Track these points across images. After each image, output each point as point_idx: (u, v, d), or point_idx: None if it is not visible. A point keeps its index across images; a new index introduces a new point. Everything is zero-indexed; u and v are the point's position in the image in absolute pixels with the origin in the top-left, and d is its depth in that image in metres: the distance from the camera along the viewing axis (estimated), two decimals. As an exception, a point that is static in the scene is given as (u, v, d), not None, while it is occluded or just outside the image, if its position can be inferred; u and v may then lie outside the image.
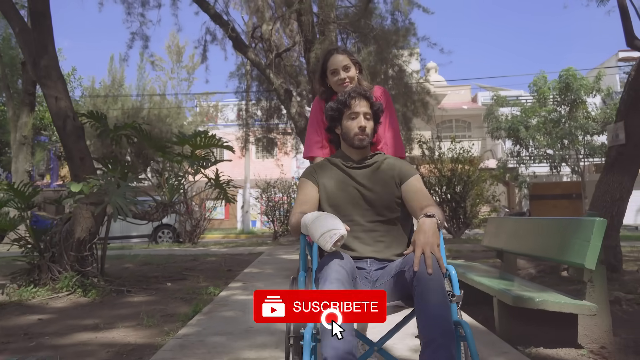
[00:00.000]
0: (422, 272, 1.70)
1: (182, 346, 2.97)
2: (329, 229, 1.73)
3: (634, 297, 4.26)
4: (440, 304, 1.64)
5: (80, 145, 5.31)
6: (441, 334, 1.58)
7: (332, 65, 2.47)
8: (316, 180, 2.16)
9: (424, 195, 2.06)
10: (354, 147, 2.15)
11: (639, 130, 4.88)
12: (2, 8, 5.22)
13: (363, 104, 2.13)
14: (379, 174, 2.15)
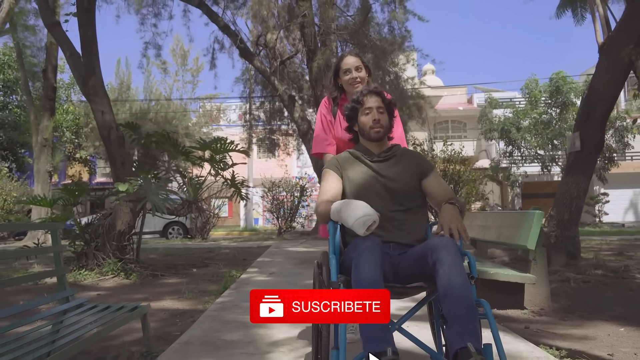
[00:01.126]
0: (444, 256, 1.82)
1: (222, 308, 3.92)
2: (363, 215, 1.89)
3: (581, 277, 5.21)
4: (463, 283, 1.76)
5: (121, 152, 6.26)
6: (467, 311, 1.70)
7: (345, 65, 2.68)
8: (340, 171, 2.29)
9: (445, 188, 2.25)
10: (371, 139, 2.29)
11: (591, 139, 5.82)
12: (56, 36, 6.16)
13: (375, 100, 2.29)
14: (399, 166, 2.28)
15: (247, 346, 2.81)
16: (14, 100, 23.53)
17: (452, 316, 1.70)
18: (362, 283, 1.73)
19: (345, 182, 2.26)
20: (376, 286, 1.72)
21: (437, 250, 1.85)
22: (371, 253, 1.82)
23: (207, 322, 3.45)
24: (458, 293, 1.73)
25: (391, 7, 15.40)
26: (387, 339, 1.66)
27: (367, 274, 1.76)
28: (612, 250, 7.77)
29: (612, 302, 4.14)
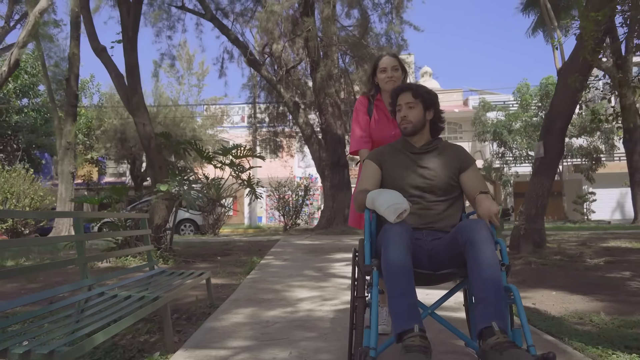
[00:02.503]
0: (475, 238, 1.86)
1: (253, 281, 5.08)
2: (394, 203, 1.96)
3: (541, 261, 6.37)
4: (492, 265, 1.80)
5: (159, 158, 7.40)
6: (493, 293, 1.75)
7: (383, 64, 2.76)
8: (380, 162, 2.37)
9: (481, 183, 2.29)
10: (403, 134, 2.39)
11: (553, 147, 6.97)
12: (103, 60, 7.31)
13: (406, 95, 2.34)
14: (440, 159, 2.32)
15: (279, 301, 3.97)
16: (30, 104, 24.68)
17: (479, 297, 1.76)
18: (390, 266, 1.82)
19: (384, 173, 2.33)
20: (403, 269, 1.81)
21: (468, 231, 1.91)
22: (399, 238, 1.88)
23: (245, 289, 4.61)
24: (486, 274, 1.78)
25: (388, 18, 16.60)
26: (414, 317, 1.73)
27: (395, 258, 1.83)
28: (577, 242, 8.93)
29: (557, 277, 5.29)
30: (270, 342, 2.74)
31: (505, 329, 1.68)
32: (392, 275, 1.81)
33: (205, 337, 2.90)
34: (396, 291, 1.78)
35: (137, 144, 23.96)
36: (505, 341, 1.61)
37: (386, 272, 1.83)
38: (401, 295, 1.77)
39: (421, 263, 2.06)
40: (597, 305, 3.77)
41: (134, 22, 7.18)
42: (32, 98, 25.93)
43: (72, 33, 15.24)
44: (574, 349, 2.53)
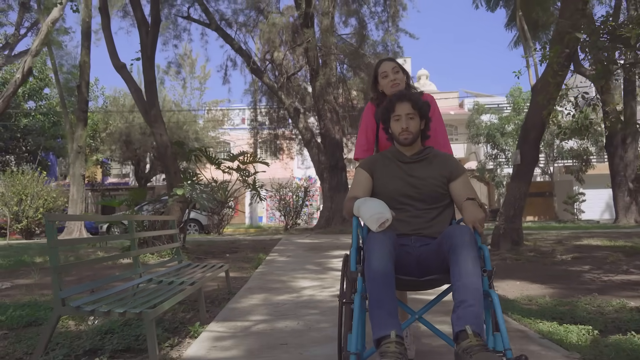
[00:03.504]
0: (458, 242, 1.90)
1: (262, 274, 5.88)
2: (377, 212, 1.99)
3: (515, 257, 7.17)
4: (472, 270, 1.84)
5: (175, 164, 8.18)
6: (471, 297, 1.79)
7: (383, 69, 2.72)
8: (371, 170, 2.39)
9: (470, 191, 2.29)
10: (401, 144, 2.37)
11: (528, 155, 7.78)
12: (123, 76, 8.09)
13: (405, 106, 2.31)
14: (429, 168, 2.35)
15: (286, 289, 4.77)
16: (37, 107, 25.46)
17: (457, 301, 1.81)
18: (371, 274, 1.87)
19: (375, 182, 2.37)
20: (383, 277, 1.85)
21: (451, 237, 1.95)
22: (381, 246, 1.92)
23: (256, 280, 5.41)
24: (465, 280, 1.82)
25: (385, 26, 17.40)
26: (391, 324, 1.78)
27: (375, 266, 1.87)
28: (553, 240, 9.73)
29: (525, 271, 6.09)
30: (282, 317, 3.54)
31: (480, 333, 1.72)
32: (372, 283, 1.86)
33: (230, 314, 3.70)
34: (375, 298, 1.83)
35: (142, 146, 24.75)
36: (476, 344, 1.66)
37: (367, 280, 1.88)
38: (380, 303, 1.82)
39: (409, 269, 2.12)
40: (548, 292, 4.58)
41: (152, 43, 7.97)
42: (38, 101, 26.71)
43: (82, 42, 16.00)
44: (513, 319, 3.34)
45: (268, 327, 3.25)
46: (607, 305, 3.75)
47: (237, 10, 16.06)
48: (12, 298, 4.64)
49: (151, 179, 27.32)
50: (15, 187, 15.01)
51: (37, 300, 4.35)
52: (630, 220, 14.84)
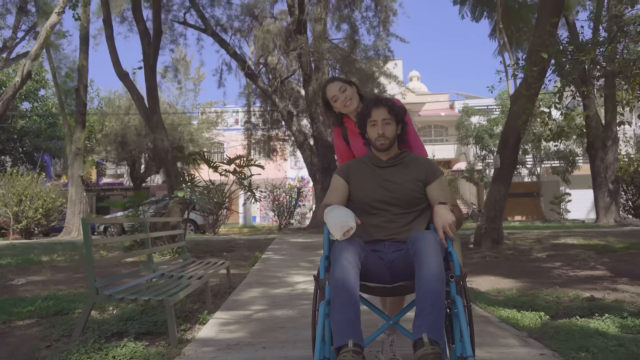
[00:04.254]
0: (421, 248, 1.92)
1: (259, 270, 6.37)
2: (341, 221, 2.00)
3: (494, 255, 7.70)
4: (434, 276, 1.84)
5: (175, 168, 8.64)
6: (431, 304, 1.80)
7: (330, 93, 2.68)
8: (347, 177, 2.37)
9: (447, 195, 2.27)
10: (378, 150, 2.35)
11: (507, 159, 8.32)
12: (125, 84, 8.54)
13: (381, 111, 2.30)
14: (405, 172, 2.33)
15: (282, 283, 5.26)
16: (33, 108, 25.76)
17: (418, 308, 1.81)
18: (334, 283, 1.88)
19: (351, 187, 2.35)
20: (345, 286, 1.86)
21: (416, 242, 1.95)
22: (345, 254, 1.93)
23: (253, 276, 5.90)
24: (426, 286, 1.82)
25: (376, 31, 17.92)
26: (350, 333, 1.78)
27: (338, 275, 1.88)
28: (533, 239, 10.28)
29: (501, 267, 6.62)
30: (279, 307, 4.03)
31: (438, 340, 1.74)
32: (335, 291, 1.86)
33: (233, 304, 4.18)
34: (336, 307, 1.84)
35: (137, 147, 25.11)
36: (431, 352, 1.67)
37: (332, 290, 1.89)
38: (340, 312, 1.82)
39: (381, 275, 2.12)
40: (517, 285, 5.10)
41: (154, 53, 8.42)
42: (33, 102, 27.00)
43: (81, 46, 16.39)
44: (479, 307, 3.85)
45: (267, 315, 3.73)
46: (564, 296, 4.28)
47: (232, 16, 16.52)
48: (32, 293, 5.09)
49: (146, 180, 27.66)
50: (15, 188, 15.38)
51: (56, 294, 4.80)
52: (610, 220, 15.45)
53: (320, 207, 2.33)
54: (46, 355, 2.73)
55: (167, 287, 3.43)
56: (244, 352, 2.75)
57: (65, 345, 2.92)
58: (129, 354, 2.71)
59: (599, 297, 4.19)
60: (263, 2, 16.27)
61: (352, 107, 2.66)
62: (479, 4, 13.05)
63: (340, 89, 2.67)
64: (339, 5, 17.89)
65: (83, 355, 2.65)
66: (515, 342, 2.84)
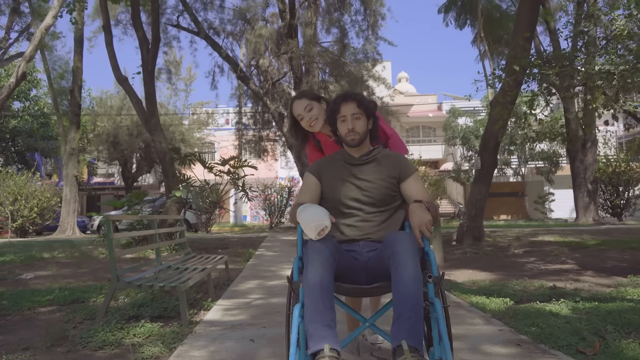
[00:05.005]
0: (397, 250, 1.85)
1: (254, 265, 6.80)
2: (315, 220, 1.94)
3: (474, 251, 8.21)
4: (411, 279, 1.78)
5: (172, 169, 9.04)
6: (409, 309, 1.74)
7: (296, 112, 2.58)
8: (319, 175, 2.31)
9: (422, 191, 2.20)
10: (349, 146, 2.28)
11: (487, 161, 8.83)
12: (125, 89, 8.91)
13: (350, 106, 2.24)
14: (378, 169, 2.27)
15: (276, 276, 5.71)
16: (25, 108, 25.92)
17: (396, 313, 1.76)
18: (308, 285, 1.81)
19: (323, 186, 2.29)
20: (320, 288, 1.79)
21: (392, 243, 1.89)
22: (318, 256, 1.86)
23: (249, 270, 6.34)
24: (403, 289, 1.77)
25: (365, 34, 18.40)
26: (326, 337, 1.71)
27: (311, 277, 1.81)
28: (512, 237, 10.82)
29: (479, 262, 7.12)
30: (274, 295, 4.47)
31: (417, 346, 1.70)
32: (309, 294, 1.80)
33: (233, 294, 4.62)
34: (311, 310, 1.77)
35: (129, 147, 25.39)
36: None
37: (305, 292, 1.83)
38: (315, 315, 1.76)
39: (357, 276, 2.08)
40: (491, 277, 5.59)
41: (153, 59, 8.81)
42: (24, 102, 27.15)
43: (75, 48, 16.68)
44: (454, 295, 4.33)
45: (264, 302, 4.18)
46: (531, 286, 4.77)
47: (225, 20, 16.88)
48: (43, 285, 5.48)
49: (138, 179, 27.93)
50: (10, 188, 15.64)
51: (68, 286, 5.20)
52: (589, 219, 16.08)
53: (293, 206, 2.24)
54: (76, 334, 3.14)
55: (175, 276, 3.86)
56: (247, 330, 3.19)
57: (90, 326, 3.34)
58: (147, 332, 3.14)
59: (561, 286, 4.70)
60: (255, 7, 16.66)
61: (317, 128, 2.58)
62: (463, 12, 13.57)
63: (306, 108, 2.56)
64: (329, 9, 18.35)
65: (108, 334, 3.07)
66: (480, 322, 3.32)
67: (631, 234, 10.79)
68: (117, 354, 2.76)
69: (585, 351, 2.51)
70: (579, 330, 2.89)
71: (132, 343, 2.91)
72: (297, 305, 1.87)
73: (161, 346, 2.82)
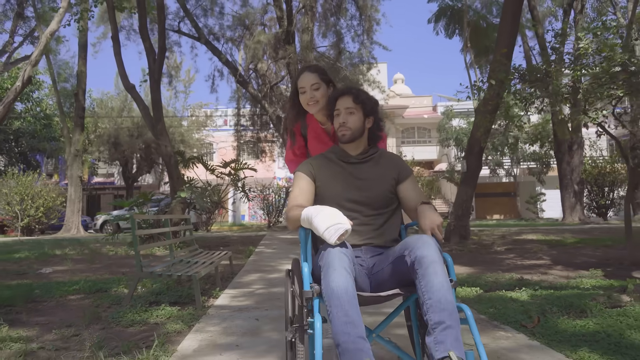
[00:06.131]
0: (423, 255, 1.72)
1: (254, 261, 7.39)
2: (334, 223, 1.79)
3: (459, 248, 8.81)
4: (444, 286, 1.68)
5: (177, 171, 9.61)
6: (448, 316, 1.63)
7: (301, 83, 2.44)
8: (313, 174, 2.18)
9: (420, 194, 2.15)
10: (340, 141, 2.19)
11: (472, 165, 9.44)
12: (132, 96, 9.49)
13: (345, 100, 2.15)
14: (376, 169, 2.19)
15: (276, 270, 6.29)
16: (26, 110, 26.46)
17: (433, 322, 1.64)
18: (334, 294, 1.66)
19: (318, 186, 2.17)
20: (348, 295, 1.66)
21: (415, 248, 1.76)
22: (341, 261, 1.74)
23: (250, 265, 6.92)
24: (439, 296, 1.66)
25: (361, 39, 19.00)
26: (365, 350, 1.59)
27: (338, 284, 1.68)
28: (499, 235, 11.44)
29: (463, 258, 7.71)
30: (275, 286, 5.06)
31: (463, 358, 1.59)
32: (337, 303, 1.65)
33: (237, 284, 5.21)
34: (344, 321, 1.62)
35: (130, 148, 25.95)
36: None
37: (330, 301, 1.66)
38: (349, 326, 1.61)
39: (363, 283, 1.96)
40: (470, 271, 6.18)
41: (159, 68, 9.38)
42: (27, 103, 27.67)
43: (79, 53, 17.22)
44: (432, 285, 4.93)
45: (266, 291, 4.76)
46: (502, 278, 5.37)
47: (225, 26, 17.46)
48: (64, 278, 6.05)
49: (138, 179, 28.48)
50: (17, 188, 16.19)
51: (88, 279, 5.77)
52: (575, 219, 16.72)
53: (291, 208, 2.07)
54: (107, 315, 3.72)
55: (188, 268, 4.44)
56: (252, 312, 3.77)
57: (118, 309, 3.92)
58: (167, 314, 3.72)
59: (528, 278, 5.30)
60: (254, 13, 17.24)
61: (314, 110, 2.44)
62: (452, 22, 14.19)
63: (313, 86, 2.41)
64: (326, 14, 18.94)
65: (135, 315, 3.65)
66: (450, 305, 3.91)
67: (610, 233, 11.43)
68: (145, 329, 3.34)
69: (527, 325, 3.10)
70: (528, 310, 3.49)
71: (156, 322, 3.49)
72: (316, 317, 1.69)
73: (181, 324, 3.40)
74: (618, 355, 2.49)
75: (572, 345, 2.66)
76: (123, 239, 11.55)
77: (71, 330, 3.29)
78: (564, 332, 2.90)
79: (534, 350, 2.62)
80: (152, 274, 3.99)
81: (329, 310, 1.67)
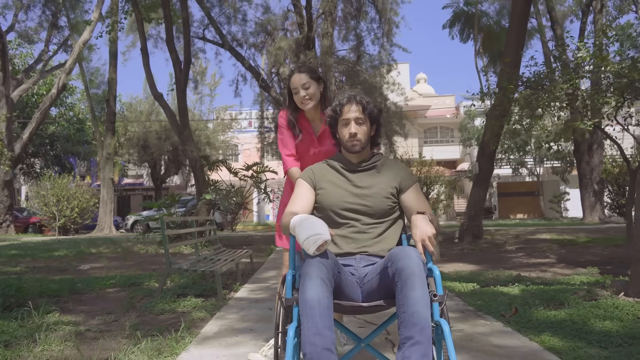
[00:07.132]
0: (403, 268, 1.72)
1: (274, 259, 7.91)
2: (314, 234, 1.79)
3: (472, 247, 9.15)
4: (420, 301, 1.66)
5: (202, 174, 10.21)
6: (419, 332, 1.62)
7: (293, 84, 2.53)
8: (314, 182, 2.19)
9: (423, 203, 2.13)
10: (349, 152, 2.19)
11: (484, 167, 9.76)
12: (161, 103, 10.14)
13: (354, 109, 2.13)
14: (378, 178, 2.18)
15: (292, 268, 6.78)
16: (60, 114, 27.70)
17: (403, 336, 1.65)
18: (307, 303, 1.69)
19: (318, 194, 2.17)
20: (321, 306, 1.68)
21: (397, 260, 1.78)
22: (317, 272, 1.74)
23: (270, 262, 7.44)
24: (412, 311, 1.66)
25: (380, 41, 19.37)
26: None
27: (310, 295, 1.69)
28: (513, 235, 11.70)
29: (473, 257, 8.07)
30: (290, 281, 5.54)
31: None
32: (309, 314, 1.67)
33: (256, 280, 5.72)
34: (312, 332, 1.64)
35: (158, 150, 26.89)
36: None
37: (303, 310, 1.69)
38: (314, 337, 1.63)
39: (352, 292, 1.96)
40: (475, 269, 6.55)
41: (185, 78, 9.99)
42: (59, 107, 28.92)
43: (110, 61, 18.07)
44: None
45: (281, 286, 5.25)
46: (502, 275, 5.74)
47: (247, 32, 18.05)
48: (100, 274, 6.66)
49: (166, 180, 29.44)
50: (53, 190, 17.13)
51: (123, 275, 6.37)
52: (594, 218, 16.76)
53: (284, 214, 2.09)
54: (141, 305, 4.26)
55: (212, 264, 4.97)
56: (267, 303, 4.27)
57: (150, 300, 4.47)
58: (193, 304, 4.24)
59: (526, 275, 5.65)
60: (275, 20, 17.77)
61: (307, 107, 2.55)
62: (466, 27, 14.45)
63: (304, 85, 2.51)
64: (346, 18, 19.36)
65: (165, 305, 4.18)
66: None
67: (624, 232, 11.56)
68: (174, 317, 3.86)
69: (505, 314, 3.51)
70: (512, 303, 3.88)
71: (183, 311, 4.02)
72: (291, 324, 1.73)
73: (205, 312, 3.92)
74: (576, 339, 2.88)
75: (539, 331, 3.07)
76: (153, 238, 12.21)
77: (111, 317, 3.83)
78: (536, 321, 3.30)
79: (504, 335, 3.04)
80: (179, 270, 4.52)
81: (301, 319, 1.70)
